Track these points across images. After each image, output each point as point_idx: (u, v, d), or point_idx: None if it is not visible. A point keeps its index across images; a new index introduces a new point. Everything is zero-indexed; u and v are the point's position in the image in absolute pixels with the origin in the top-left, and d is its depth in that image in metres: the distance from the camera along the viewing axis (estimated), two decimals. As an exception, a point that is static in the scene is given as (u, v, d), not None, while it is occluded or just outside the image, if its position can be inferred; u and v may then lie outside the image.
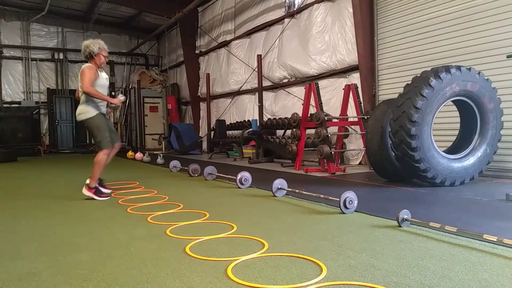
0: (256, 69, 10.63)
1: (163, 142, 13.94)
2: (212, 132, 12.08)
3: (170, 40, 16.63)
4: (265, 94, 10.57)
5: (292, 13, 9.59)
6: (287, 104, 9.77)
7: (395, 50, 6.91)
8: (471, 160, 4.84)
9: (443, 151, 4.84)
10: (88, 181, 4.61)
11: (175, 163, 7.56)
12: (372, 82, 7.25)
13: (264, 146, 8.94)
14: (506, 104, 5.09)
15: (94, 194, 4.57)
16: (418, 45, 6.47)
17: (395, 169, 5.18)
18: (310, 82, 7.60)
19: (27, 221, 3.57)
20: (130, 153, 11.55)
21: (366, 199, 4.11)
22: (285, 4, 9.95)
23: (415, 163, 4.58)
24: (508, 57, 4.49)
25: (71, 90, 15.75)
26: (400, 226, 2.97)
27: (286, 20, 9.78)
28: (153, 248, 2.61)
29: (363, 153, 7.34)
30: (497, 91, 4.93)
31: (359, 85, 7.24)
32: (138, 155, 10.59)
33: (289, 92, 9.74)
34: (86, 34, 16.09)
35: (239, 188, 5.10)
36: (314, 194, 4.02)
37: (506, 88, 5.22)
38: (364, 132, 6.06)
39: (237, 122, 11.08)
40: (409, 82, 4.84)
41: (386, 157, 5.19)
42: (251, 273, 2.11)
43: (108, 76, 4.94)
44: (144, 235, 2.97)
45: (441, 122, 5.58)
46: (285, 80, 9.96)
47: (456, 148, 5.12)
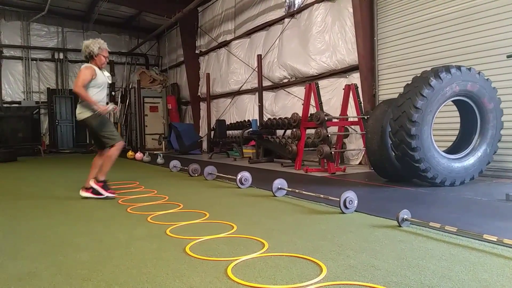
0: (256, 69, 10.63)
1: (163, 142, 13.93)
2: (212, 132, 12.08)
3: (170, 40, 16.63)
4: (265, 94, 10.57)
5: (292, 13, 9.59)
6: (287, 104, 9.77)
7: (395, 50, 6.91)
8: (471, 160, 4.84)
9: (443, 151, 4.84)
10: (93, 180, 4.63)
11: (175, 163, 7.56)
12: (372, 82, 7.25)
13: (264, 146, 8.94)
14: (506, 104, 5.10)
15: (102, 188, 4.61)
16: (418, 45, 6.47)
17: (395, 169, 5.18)
18: (310, 82, 7.59)
19: (27, 221, 3.57)
20: (130, 153, 11.53)
21: (366, 199, 4.11)
22: (285, 4, 9.94)
23: (415, 163, 4.58)
24: (508, 57, 4.50)
25: (71, 90, 15.67)
26: (400, 226, 2.97)
27: (286, 20, 9.78)
28: (153, 248, 2.61)
29: (363, 153, 7.33)
30: (497, 91, 4.93)
31: (359, 85, 7.24)
32: (138, 155, 10.59)
33: (289, 92, 9.73)
34: (86, 34, 16.08)
35: (239, 188, 5.10)
36: (314, 194, 4.02)
37: (506, 88, 5.22)
38: (364, 132, 6.06)
39: (237, 122, 11.07)
40: (409, 82, 4.84)
41: (386, 157, 5.19)
42: (251, 273, 2.11)
43: (109, 75, 4.92)
44: (144, 235, 2.97)
45: (441, 122, 5.58)
46: (285, 80, 9.95)
47: (456, 148, 5.12)
